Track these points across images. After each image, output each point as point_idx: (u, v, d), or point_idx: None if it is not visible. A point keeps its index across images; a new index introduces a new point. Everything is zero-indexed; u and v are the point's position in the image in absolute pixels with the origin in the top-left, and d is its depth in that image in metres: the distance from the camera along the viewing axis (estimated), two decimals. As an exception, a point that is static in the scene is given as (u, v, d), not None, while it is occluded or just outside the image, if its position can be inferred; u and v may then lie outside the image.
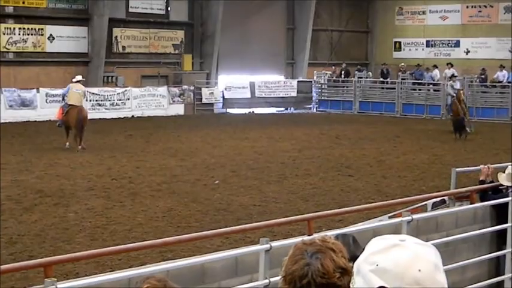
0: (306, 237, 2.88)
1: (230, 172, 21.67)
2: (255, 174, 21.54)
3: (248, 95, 43.71)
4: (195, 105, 41.42)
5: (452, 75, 35.21)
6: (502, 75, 42.65)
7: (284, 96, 44.99)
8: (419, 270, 2.01)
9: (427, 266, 2.02)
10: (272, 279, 6.74)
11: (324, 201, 17.45)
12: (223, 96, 43.04)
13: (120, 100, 38.45)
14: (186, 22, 43.94)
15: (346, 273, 2.54)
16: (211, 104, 42.58)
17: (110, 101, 38.13)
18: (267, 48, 46.63)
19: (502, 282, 10.72)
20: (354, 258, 2.56)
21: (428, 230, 10.20)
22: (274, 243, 6.94)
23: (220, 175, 21.02)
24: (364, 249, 2.40)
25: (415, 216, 9.07)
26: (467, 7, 48.32)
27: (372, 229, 8.78)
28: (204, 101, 41.91)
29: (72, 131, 25.95)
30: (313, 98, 46.23)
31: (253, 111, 43.02)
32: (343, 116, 40.86)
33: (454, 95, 32.08)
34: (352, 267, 2.47)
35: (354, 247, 4.31)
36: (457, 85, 32.41)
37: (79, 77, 26.94)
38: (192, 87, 41.62)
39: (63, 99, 26.94)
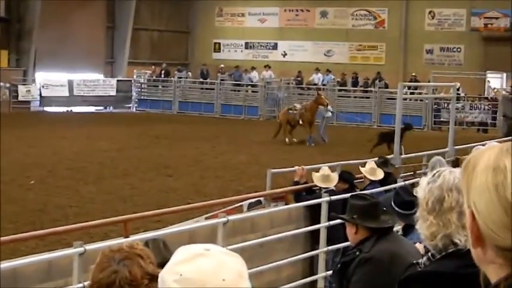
0: (119, 240, 2.86)
1: (46, 172, 21.22)
2: (72, 174, 21.20)
3: (66, 93, 42.87)
4: (11, 103, 40.25)
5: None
6: (318, 77, 43.90)
7: (103, 95, 44.43)
8: (223, 280, 2.02)
9: (231, 275, 2.04)
10: (86, 283, 6.65)
11: (143, 202, 17.37)
12: (40, 94, 42.04)
13: None
14: (2, 17, 42.58)
15: (155, 279, 2.54)
16: (28, 102, 41.54)
17: None
18: (86, 46, 45.88)
19: (315, 281, 11.02)
20: (165, 263, 2.57)
21: (244, 231, 10.36)
22: (89, 246, 6.86)
23: (36, 175, 20.55)
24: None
25: (230, 217, 9.19)
26: (285, 11, 49.35)
27: (188, 231, 8.83)
28: (20, 98, 40.82)
29: None
30: (133, 98, 45.92)
31: (71, 110, 42.25)
32: (163, 116, 40.81)
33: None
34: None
35: (165, 251, 4.32)
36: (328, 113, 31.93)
37: None
38: (7, 85, 40.44)
39: None
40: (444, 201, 3.08)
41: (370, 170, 12.44)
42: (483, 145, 9.29)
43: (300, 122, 30.12)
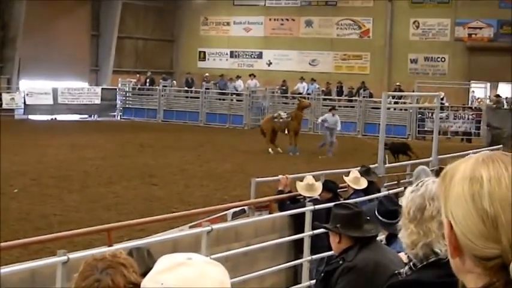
0: (102, 249, 2.87)
1: (30, 180, 21.14)
2: (56, 182, 21.13)
3: (50, 102, 42.73)
4: (-6, 111, 40.15)
5: (333, 108, 32.55)
6: (302, 86, 43.98)
7: (88, 103, 44.32)
8: (205, 289, 2.03)
9: (213, 285, 2.05)
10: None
11: (127, 210, 17.34)
12: (24, 102, 41.90)
13: None
14: (-15, 25, 42.50)
15: (137, 288, 2.55)
16: (12, 110, 41.37)
17: None
18: (71, 54, 45.77)
19: (299, 290, 11.03)
20: (148, 272, 2.58)
21: (228, 240, 10.37)
22: (72, 255, 6.84)
23: (20, 183, 20.47)
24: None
25: (214, 226, 9.19)
26: (270, 20, 49.41)
27: (172, 240, 8.82)
28: (4, 106, 40.65)
29: None
30: (118, 106, 45.83)
31: (55, 118, 42.15)
32: (148, 125, 40.78)
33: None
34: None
35: (149, 260, 4.32)
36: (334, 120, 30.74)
37: None
38: (-9, 92, 40.36)
39: None
40: (425, 210, 3.11)
41: (354, 179, 12.48)
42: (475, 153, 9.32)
43: (286, 132, 30.04)
